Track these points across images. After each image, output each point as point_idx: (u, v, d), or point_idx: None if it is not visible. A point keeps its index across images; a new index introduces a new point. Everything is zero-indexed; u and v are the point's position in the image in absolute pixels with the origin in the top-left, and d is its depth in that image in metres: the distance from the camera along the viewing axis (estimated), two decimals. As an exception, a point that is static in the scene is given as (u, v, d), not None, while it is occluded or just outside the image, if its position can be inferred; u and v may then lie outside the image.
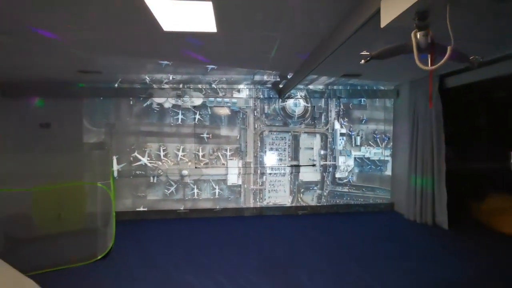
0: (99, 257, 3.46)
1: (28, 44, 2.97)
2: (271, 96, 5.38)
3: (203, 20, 2.49)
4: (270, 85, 5.25)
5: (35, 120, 4.85)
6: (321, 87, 5.45)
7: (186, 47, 3.24)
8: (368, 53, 1.61)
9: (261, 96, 5.38)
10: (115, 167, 5.04)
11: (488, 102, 5.46)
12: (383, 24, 1.60)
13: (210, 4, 2.20)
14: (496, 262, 3.43)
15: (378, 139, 5.66)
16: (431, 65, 1.43)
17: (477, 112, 5.61)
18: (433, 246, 3.91)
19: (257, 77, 4.73)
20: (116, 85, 5.03)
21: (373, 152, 5.65)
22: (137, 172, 5.19)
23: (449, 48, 1.35)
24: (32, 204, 3.63)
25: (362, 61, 1.63)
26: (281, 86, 5.12)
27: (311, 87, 5.45)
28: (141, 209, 5.20)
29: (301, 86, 5.39)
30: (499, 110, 5.44)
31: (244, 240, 4.16)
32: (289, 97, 5.43)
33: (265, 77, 4.73)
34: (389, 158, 5.67)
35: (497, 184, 5.00)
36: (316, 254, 3.66)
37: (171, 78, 4.77)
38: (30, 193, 3.59)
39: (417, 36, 1.40)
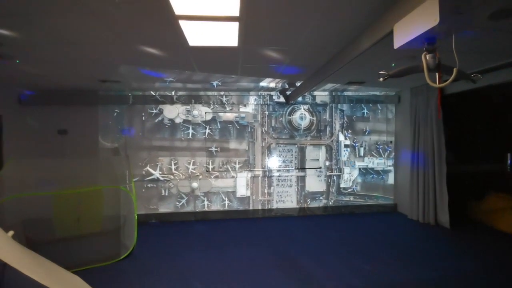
0: (122, 257, 3.57)
1: (56, 54, 3.16)
2: (276, 109, 5.61)
3: (226, 36, 2.73)
4: (278, 92, 5.44)
5: (54, 127, 5.03)
6: (325, 93, 5.67)
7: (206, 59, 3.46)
8: (386, 73, 1.84)
9: (268, 103, 5.59)
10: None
11: (488, 107, 5.72)
12: (396, 46, 1.84)
13: (236, 23, 2.44)
14: (495, 258, 3.62)
15: (380, 150, 5.88)
16: (439, 83, 1.65)
17: (477, 117, 5.86)
18: (435, 244, 4.11)
19: (265, 85, 4.92)
20: (129, 93, 5.22)
21: (376, 162, 5.86)
22: (149, 185, 5.33)
23: (455, 70, 1.58)
24: (52, 208, 3.75)
25: (381, 79, 1.86)
26: (288, 93, 5.34)
27: (316, 95, 5.67)
28: (153, 221, 5.29)
29: (306, 94, 5.60)
30: (497, 115, 5.70)
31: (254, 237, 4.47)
32: (295, 103, 5.63)
33: (273, 84, 4.92)
34: (392, 168, 5.89)
35: (495, 185, 5.21)
36: (324, 250, 3.90)
37: (179, 92, 5.03)
38: (51, 197, 3.71)
39: (427, 57, 1.63)
